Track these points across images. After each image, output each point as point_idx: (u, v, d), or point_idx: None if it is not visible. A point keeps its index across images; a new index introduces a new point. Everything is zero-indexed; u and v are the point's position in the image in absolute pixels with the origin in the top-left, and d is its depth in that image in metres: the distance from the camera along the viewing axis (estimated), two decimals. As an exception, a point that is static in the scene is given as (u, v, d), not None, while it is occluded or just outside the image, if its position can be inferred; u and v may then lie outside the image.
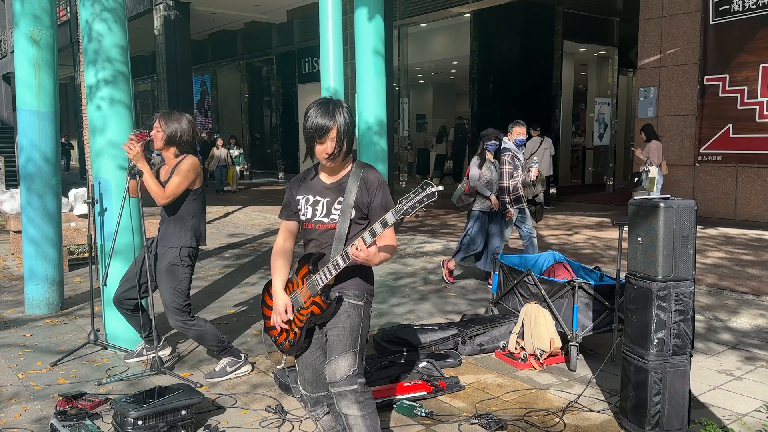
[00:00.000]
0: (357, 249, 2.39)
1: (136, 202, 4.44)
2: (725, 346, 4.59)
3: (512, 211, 6.25)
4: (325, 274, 2.53)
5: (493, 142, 6.17)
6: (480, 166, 6.16)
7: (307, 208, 2.68)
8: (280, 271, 2.72)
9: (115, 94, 4.47)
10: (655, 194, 8.92)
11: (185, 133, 3.93)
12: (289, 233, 2.77)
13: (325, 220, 2.63)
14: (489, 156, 6.21)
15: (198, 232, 3.98)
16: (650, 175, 9.50)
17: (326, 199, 2.64)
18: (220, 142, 17.16)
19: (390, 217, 2.34)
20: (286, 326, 2.67)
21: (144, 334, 4.17)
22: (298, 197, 2.71)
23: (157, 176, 3.98)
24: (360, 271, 2.65)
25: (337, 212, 2.60)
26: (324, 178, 2.67)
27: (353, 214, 2.57)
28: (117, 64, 4.48)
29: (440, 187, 2.25)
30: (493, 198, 6.19)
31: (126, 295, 4.04)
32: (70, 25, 19.88)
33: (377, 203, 2.57)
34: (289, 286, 2.70)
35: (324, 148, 2.53)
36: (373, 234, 2.38)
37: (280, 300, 2.65)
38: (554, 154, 12.52)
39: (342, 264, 2.48)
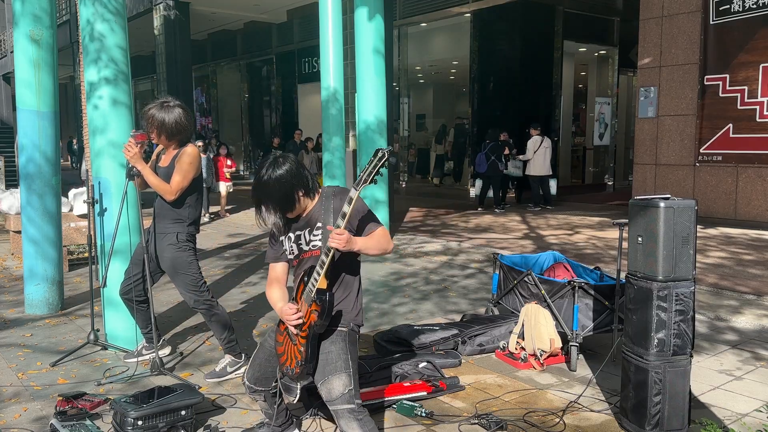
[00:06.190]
0: (333, 238, 2.37)
1: (135, 203, 4.44)
2: (726, 346, 4.59)
3: None
4: (315, 278, 2.54)
5: None
6: None
7: (291, 246, 2.71)
8: (278, 298, 2.76)
9: (116, 94, 4.47)
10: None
11: (182, 123, 3.88)
12: (281, 275, 2.83)
13: (306, 248, 2.68)
14: None
15: (193, 218, 3.99)
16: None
17: (303, 231, 2.68)
18: (310, 144, 14.62)
19: (353, 192, 2.34)
20: (298, 333, 2.62)
21: (145, 330, 4.17)
22: (281, 237, 2.74)
23: (156, 165, 3.99)
24: (343, 303, 2.68)
25: (317, 238, 2.62)
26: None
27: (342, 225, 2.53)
28: (117, 64, 4.47)
29: (390, 148, 2.34)
30: None
31: (133, 287, 4.04)
32: (70, 25, 19.87)
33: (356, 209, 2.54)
34: None
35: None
36: (344, 216, 2.39)
37: (284, 309, 2.63)
38: (552, 156, 12.47)
39: (326, 259, 2.47)
